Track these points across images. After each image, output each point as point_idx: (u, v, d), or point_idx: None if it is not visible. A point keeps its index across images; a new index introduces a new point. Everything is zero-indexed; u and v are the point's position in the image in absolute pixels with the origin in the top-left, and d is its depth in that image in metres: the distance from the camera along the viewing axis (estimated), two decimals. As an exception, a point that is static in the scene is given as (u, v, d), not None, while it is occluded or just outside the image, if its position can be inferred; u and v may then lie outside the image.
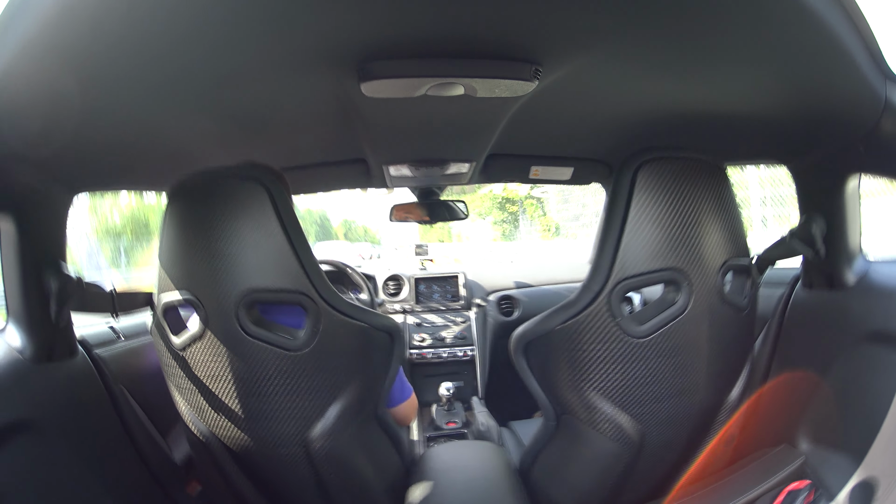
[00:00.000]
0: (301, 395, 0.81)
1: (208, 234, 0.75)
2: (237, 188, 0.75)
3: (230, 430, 0.84)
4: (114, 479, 0.93)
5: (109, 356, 1.04)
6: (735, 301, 0.80)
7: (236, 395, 0.80)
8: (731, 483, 0.85)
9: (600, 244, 0.76)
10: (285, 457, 0.85)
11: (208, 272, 0.75)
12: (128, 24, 0.55)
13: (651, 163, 0.74)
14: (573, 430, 0.87)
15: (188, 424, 0.89)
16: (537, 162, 1.42)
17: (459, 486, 1.00)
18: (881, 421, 0.70)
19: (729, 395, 0.89)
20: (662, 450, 0.86)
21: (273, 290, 0.76)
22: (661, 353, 0.77)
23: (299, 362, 0.79)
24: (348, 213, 54.68)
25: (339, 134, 1.11)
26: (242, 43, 0.64)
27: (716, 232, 0.76)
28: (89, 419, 0.94)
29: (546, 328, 0.81)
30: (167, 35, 0.59)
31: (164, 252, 0.79)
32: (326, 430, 0.83)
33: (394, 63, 0.73)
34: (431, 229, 17.14)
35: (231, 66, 0.70)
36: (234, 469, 0.89)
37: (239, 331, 0.76)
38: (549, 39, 0.69)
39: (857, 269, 0.85)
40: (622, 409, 0.79)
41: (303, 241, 0.77)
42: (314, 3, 0.57)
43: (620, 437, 0.81)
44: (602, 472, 0.86)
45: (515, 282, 2.08)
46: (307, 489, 0.89)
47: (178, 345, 0.80)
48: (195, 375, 0.82)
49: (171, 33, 0.59)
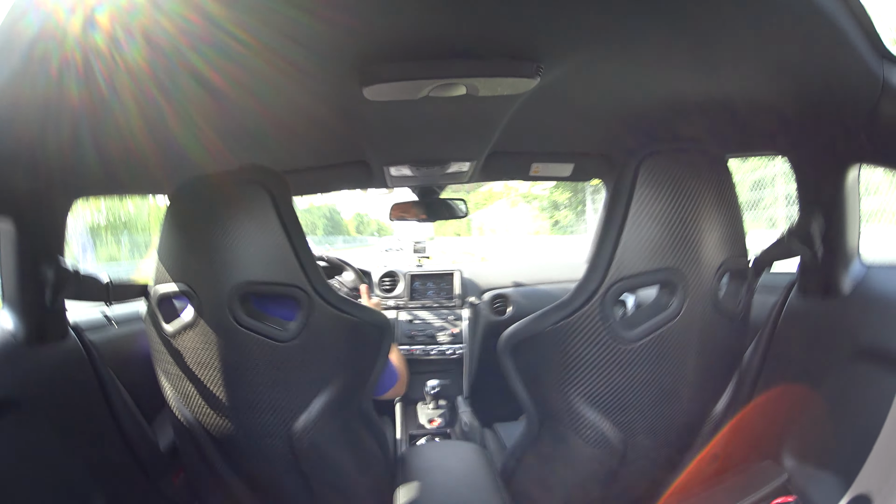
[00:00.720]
0: (287, 387, 0.81)
1: (208, 230, 0.75)
2: (239, 190, 0.76)
3: (215, 419, 0.84)
4: (98, 462, 0.93)
5: (100, 341, 1.04)
6: (729, 308, 0.79)
7: (223, 383, 0.80)
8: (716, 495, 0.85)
9: (599, 242, 0.75)
10: (268, 448, 0.85)
11: (205, 264, 0.76)
12: (127, 29, 0.55)
13: (654, 156, 0.72)
14: (556, 435, 0.87)
15: (174, 411, 0.89)
16: (538, 158, 1.42)
17: (441, 487, 0.99)
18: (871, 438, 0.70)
19: (715, 407, 0.88)
20: (646, 459, 0.85)
21: (268, 282, 0.76)
22: (650, 359, 0.76)
23: (287, 353, 0.79)
24: (360, 207, 53.71)
25: (341, 136, 1.12)
26: (245, 48, 0.64)
27: (716, 229, 0.75)
28: (77, 401, 0.94)
29: (537, 329, 0.80)
30: (168, 39, 0.59)
31: (163, 246, 0.79)
32: (310, 422, 0.83)
33: (396, 66, 0.73)
34: (447, 222, 16.64)
35: (234, 71, 0.70)
36: (217, 458, 0.89)
37: (231, 320, 0.76)
38: (550, 36, 0.68)
39: (854, 275, 0.84)
40: (606, 415, 0.79)
41: (302, 239, 0.78)
42: (316, 10, 0.57)
43: (603, 444, 0.81)
44: (584, 479, 0.86)
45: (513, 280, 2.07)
46: (290, 481, 0.89)
47: (169, 332, 0.80)
48: (184, 362, 0.82)
49: (172, 38, 0.58)
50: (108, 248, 6.54)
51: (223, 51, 0.63)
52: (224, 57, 0.65)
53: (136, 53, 0.60)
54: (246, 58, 0.66)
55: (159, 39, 0.58)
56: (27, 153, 0.76)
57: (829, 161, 0.85)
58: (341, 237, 30.29)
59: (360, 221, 40.39)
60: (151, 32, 0.56)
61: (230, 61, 0.67)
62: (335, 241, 30.01)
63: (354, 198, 48.94)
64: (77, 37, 0.55)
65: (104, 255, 6.30)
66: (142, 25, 0.55)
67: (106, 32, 0.55)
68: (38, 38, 0.54)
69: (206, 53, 0.63)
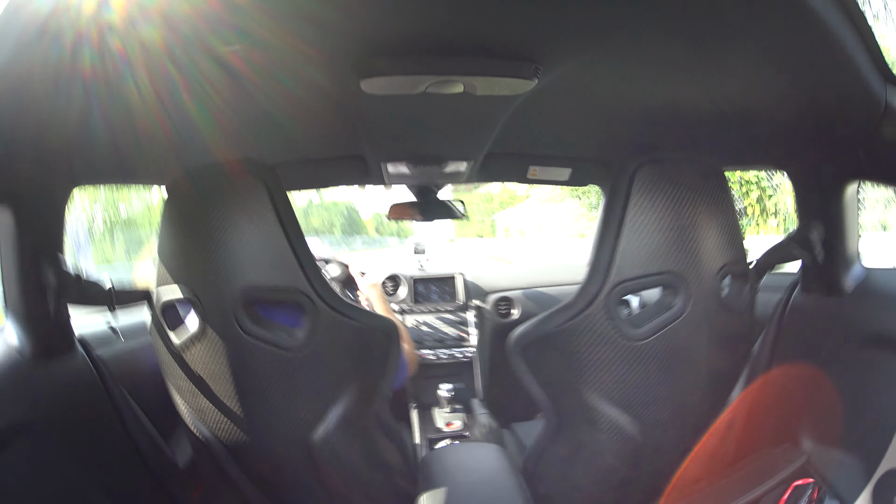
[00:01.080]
0: (301, 397, 0.81)
1: (206, 230, 0.75)
2: (236, 184, 0.75)
3: (232, 433, 0.84)
4: (115, 483, 0.92)
5: (109, 356, 1.03)
6: (733, 305, 0.80)
7: (237, 395, 0.80)
8: (736, 481, 0.86)
9: (597, 246, 0.76)
10: (288, 459, 0.84)
11: (205, 269, 0.75)
12: (126, 20, 0.55)
13: (649, 165, 0.73)
14: (575, 431, 0.87)
15: (189, 426, 0.88)
16: (535, 162, 1.42)
17: (464, 488, 0.99)
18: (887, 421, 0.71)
19: (728, 398, 0.89)
20: (665, 450, 0.86)
21: (270, 287, 0.76)
22: (660, 355, 0.76)
23: (298, 363, 0.79)
24: (379, 207, 52.00)
25: (338, 130, 1.11)
26: (241, 39, 0.63)
27: (713, 236, 0.76)
28: (89, 419, 0.92)
29: (544, 330, 0.80)
30: (165, 30, 0.58)
31: (163, 247, 0.78)
32: (329, 432, 0.83)
33: (394, 60, 0.72)
34: (469, 223, 15.02)
35: (230, 61, 0.70)
36: (236, 472, 0.88)
37: (237, 329, 0.76)
38: (549, 37, 0.69)
39: (855, 276, 0.86)
40: (622, 410, 0.79)
41: (300, 238, 0.77)
42: (316, 1, 0.57)
43: (622, 438, 0.81)
44: (606, 473, 0.86)
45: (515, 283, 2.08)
46: (311, 492, 0.88)
47: (178, 345, 0.80)
48: (195, 376, 0.81)
49: (169, 28, 0.58)
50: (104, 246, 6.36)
51: (219, 42, 0.63)
52: (220, 48, 0.65)
53: (133, 43, 0.60)
54: (243, 48, 0.66)
55: (154, 33, 0.58)
56: (25, 139, 0.74)
57: (827, 176, 0.86)
58: (360, 237, 28.98)
59: (379, 222, 38.74)
60: (147, 21, 0.56)
61: (226, 52, 0.66)
62: (353, 241, 28.72)
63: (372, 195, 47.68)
64: (76, 25, 0.54)
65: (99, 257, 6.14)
66: (138, 15, 0.54)
67: (104, 22, 0.54)
68: (36, 25, 0.53)
69: (202, 46, 0.63)
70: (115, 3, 0.52)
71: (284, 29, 0.63)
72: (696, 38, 0.67)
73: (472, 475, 1.04)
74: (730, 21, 0.62)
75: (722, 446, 0.91)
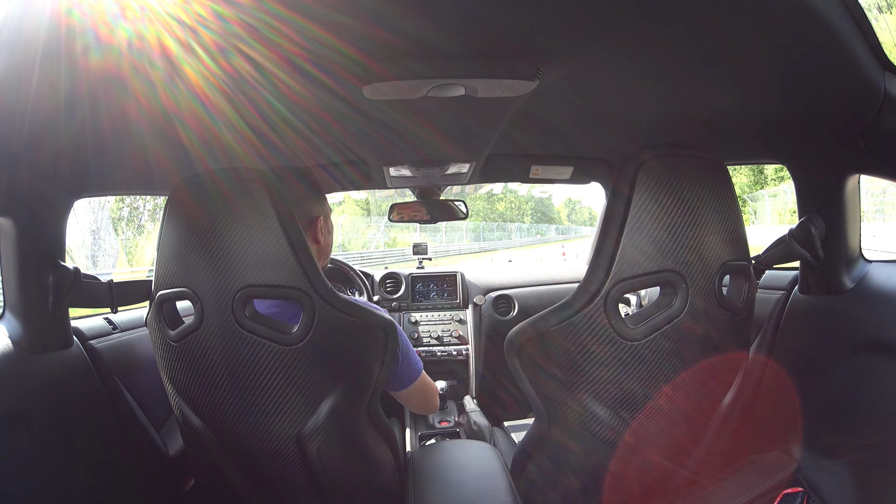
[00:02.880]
0: (294, 390, 0.81)
1: (207, 230, 0.75)
2: (238, 187, 0.76)
3: (223, 424, 0.84)
4: (106, 472, 0.93)
5: (104, 348, 1.04)
6: (732, 304, 0.79)
7: (230, 388, 0.80)
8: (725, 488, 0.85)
9: (599, 244, 0.75)
10: (277, 452, 0.85)
11: (206, 267, 0.76)
12: (129, 33, 0.55)
13: (652, 160, 0.73)
14: (565, 431, 0.87)
15: (181, 417, 0.89)
16: (537, 161, 1.42)
17: (452, 486, 1.00)
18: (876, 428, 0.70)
19: (723, 400, 0.89)
20: (655, 453, 0.86)
21: (270, 285, 0.76)
22: (656, 356, 0.76)
23: (293, 356, 0.79)
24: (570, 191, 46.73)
25: (340, 135, 1.11)
26: (245, 48, 0.64)
27: (715, 233, 0.75)
28: (83, 410, 0.93)
29: (542, 329, 0.80)
30: (169, 40, 0.59)
31: (164, 247, 0.79)
32: (319, 425, 0.83)
33: (396, 65, 0.72)
34: None
35: (234, 70, 0.70)
36: (226, 463, 0.88)
37: (234, 324, 0.76)
38: (549, 38, 0.69)
39: (855, 273, 0.85)
40: (615, 411, 0.79)
41: (301, 239, 0.77)
42: (318, 9, 0.57)
43: (613, 440, 0.81)
44: (594, 474, 0.86)
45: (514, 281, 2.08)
46: (300, 485, 0.89)
47: (173, 336, 0.80)
48: (189, 367, 0.82)
49: (172, 39, 0.59)
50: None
51: (222, 49, 0.64)
52: (223, 55, 0.65)
53: (138, 53, 0.60)
54: (245, 56, 0.66)
55: (158, 38, 0.58)
56: (25, 153, 0.75)
57: (828, 170, 0.86)
58: (553, 226, 26.90)
59: (571, 209, 35.40)
60: (151, 33, 0.56)
61: (229, 60, 0.67)
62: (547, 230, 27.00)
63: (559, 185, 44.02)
64: (78, 36, 0.55)
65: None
66: (141, 28, 0.55)
67: (105, 34, 0.55)
68: (37, 35, 0.54)
69: (205, 52, 0.64)
70: (113, 13, 0.53)
71: (286, 37, 0.63)
72: (695, 35, 0.67)
73: (460, 472, 1.04)
74: (728, 18, 0.61)
75: (713, 451, 0.91)
